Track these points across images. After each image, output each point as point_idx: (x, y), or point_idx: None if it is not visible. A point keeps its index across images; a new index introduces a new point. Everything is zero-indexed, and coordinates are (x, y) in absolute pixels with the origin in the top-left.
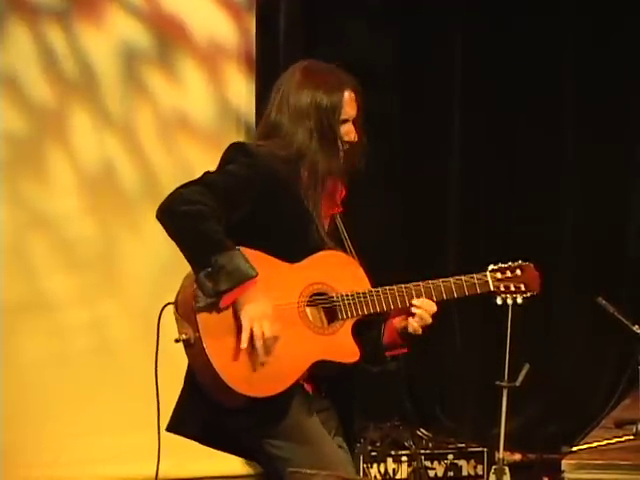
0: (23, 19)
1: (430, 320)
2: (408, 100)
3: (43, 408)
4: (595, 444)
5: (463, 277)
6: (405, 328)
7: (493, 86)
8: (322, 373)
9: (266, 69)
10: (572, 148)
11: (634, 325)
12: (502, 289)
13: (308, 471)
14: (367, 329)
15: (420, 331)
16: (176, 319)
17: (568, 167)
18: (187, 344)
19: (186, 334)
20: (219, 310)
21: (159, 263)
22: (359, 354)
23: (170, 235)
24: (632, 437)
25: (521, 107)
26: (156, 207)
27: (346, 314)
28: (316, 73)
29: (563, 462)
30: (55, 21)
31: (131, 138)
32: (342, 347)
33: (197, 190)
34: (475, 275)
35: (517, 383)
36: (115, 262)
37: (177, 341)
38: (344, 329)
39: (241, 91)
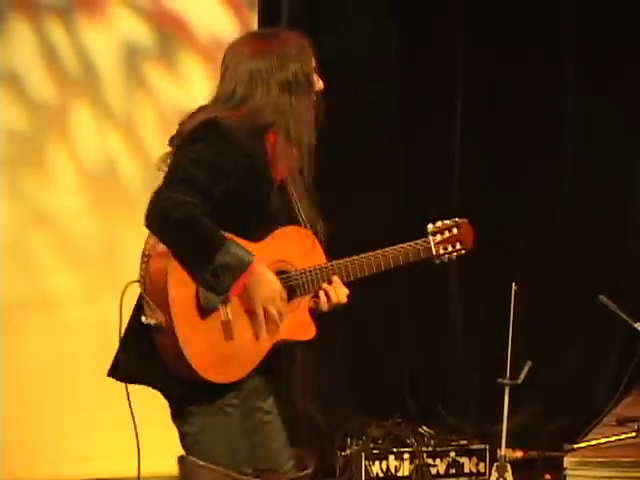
0: (24, 15)
1: (337, 299)
2: (409, 92)
3: (43, 406)
4: (598, 441)
5: (406, 244)
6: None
7: (493, 82)
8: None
9: None
10: (573, 147)
11: (636, 322)
12: (441, 252)
13: (200, 462)
14: None
15: (326, 307)
16: (144, 301)
17: (571, 165)
18: (157, 328)
19: (157, 319)
20: (227, 301)
21: None
22: (315, 330)
23: (165, 243)
24: (634, 434)
25: (523, 101)
26: None
27: (303, 290)
28: (271, 36)
29: (565, 459)
30: (56, 17)
31: (133, 135)
32: (300, 325)
33: (179, 190)
34: (419, 242)
35: (519, 380)
36: (117, 259)
37: (145, 323)
38: (302, 306)
39: None
